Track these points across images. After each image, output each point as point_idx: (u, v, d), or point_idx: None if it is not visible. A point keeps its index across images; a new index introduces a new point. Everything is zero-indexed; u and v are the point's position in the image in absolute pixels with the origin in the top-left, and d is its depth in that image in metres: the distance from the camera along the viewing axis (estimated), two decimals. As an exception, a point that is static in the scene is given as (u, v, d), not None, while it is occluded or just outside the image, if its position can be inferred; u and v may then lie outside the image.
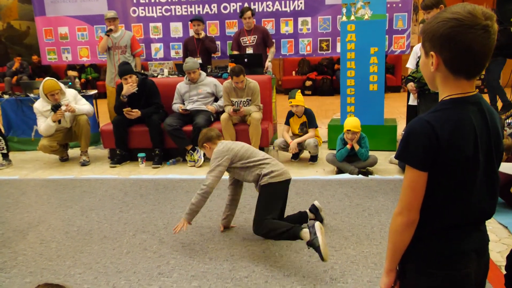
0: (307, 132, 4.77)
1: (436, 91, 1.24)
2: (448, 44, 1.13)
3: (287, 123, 4.90)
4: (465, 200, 1.19)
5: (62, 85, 5.05)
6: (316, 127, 4.82)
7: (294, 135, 4.89)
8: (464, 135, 1.14)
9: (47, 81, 4.93)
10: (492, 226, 3.01)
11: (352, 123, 4.19)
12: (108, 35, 6.11)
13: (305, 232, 2.51)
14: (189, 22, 6.77)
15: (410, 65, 4.83)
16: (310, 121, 4.76)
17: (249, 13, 6.15)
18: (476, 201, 1.20)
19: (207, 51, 6.44)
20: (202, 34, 6.37)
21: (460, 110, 1.16)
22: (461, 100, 1.17)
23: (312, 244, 2.43)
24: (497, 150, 1.22)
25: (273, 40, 6.56)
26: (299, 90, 4.86)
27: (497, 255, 2.62)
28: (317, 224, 2.49)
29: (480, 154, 1.17)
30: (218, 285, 2.43)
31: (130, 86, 4.97)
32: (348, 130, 4.18)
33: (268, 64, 6.06)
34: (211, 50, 6.48)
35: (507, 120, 5.08)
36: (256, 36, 6.26)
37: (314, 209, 3.13)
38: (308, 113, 4.77)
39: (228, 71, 5.62)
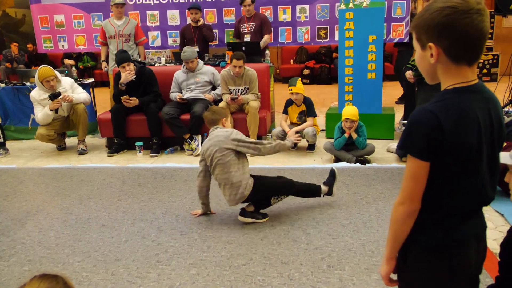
0: (305, 121, 4.76)
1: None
2: (446, 32, 1.13)
3: (285, 112, 4.89)
4: (467, 189, 1.19)
5: (57, 73, 5.03)
6: (315, 116, 4.81)
7: (292, 124, 4.88)
8: (467, 125, 1.14)
9: (42, 68, 4.93)
10: (489, 214, 3.03)
11: (350, 111, 4.18)
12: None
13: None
14: (187, 10, 6.71)
15: None
16: (309, 110, 4.75)
17: (248, 0, 6.10)
18: (478, 191, 1.20)
19: (205, 39, 6.39)
20: (200, 22, 6.32)
21: (463, 99, 1.16)
22: (464, 89, 1.17)
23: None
24: (499, 139, 1.22)
25: (271, 28, 6.50)
26: (300, 78, 4.84)
27: (493, 242, 2.63)
28: None
29: (484, 143, 1.17)
30: (216, 272, 2.45)
31: (128, 74, 4.95)
32: (346, 119, 4.18)
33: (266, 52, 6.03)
34: (209, 39, 6.43)
35: (504, 109, 5.08)
36: (255, 24, 6.22)
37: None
38: (307, 101, 4.76)
39: (226, 59, 5.59)
